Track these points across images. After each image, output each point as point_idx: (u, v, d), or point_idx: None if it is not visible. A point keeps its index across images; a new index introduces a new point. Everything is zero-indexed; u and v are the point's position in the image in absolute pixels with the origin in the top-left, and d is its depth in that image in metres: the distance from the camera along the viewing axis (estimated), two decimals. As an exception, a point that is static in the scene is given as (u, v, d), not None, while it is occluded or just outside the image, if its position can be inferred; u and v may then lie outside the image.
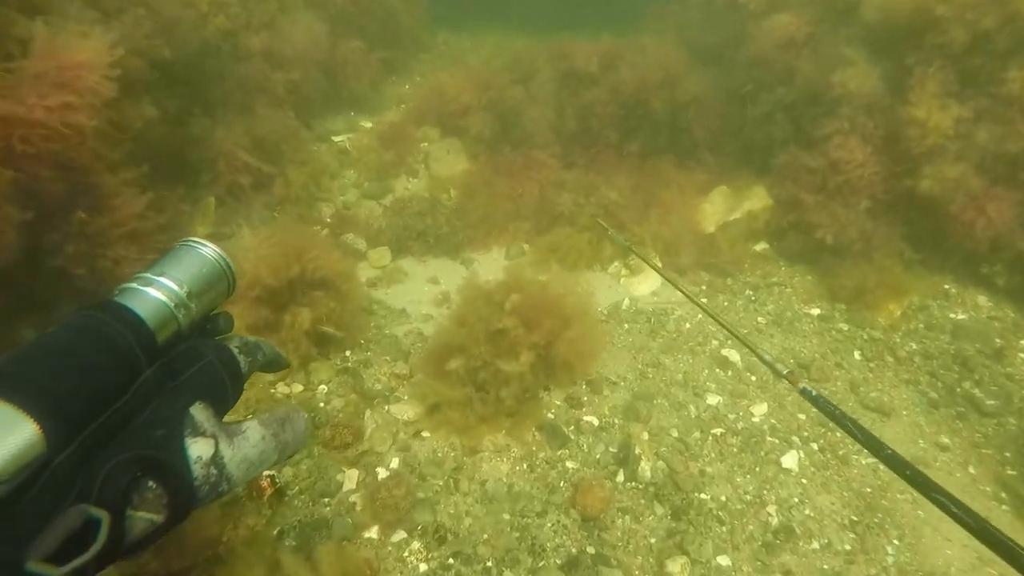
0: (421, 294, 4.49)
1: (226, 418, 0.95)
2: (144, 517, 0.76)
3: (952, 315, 4.26)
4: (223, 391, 0.96)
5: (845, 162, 4.88)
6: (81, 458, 0.73)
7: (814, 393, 1.59)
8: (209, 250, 1.03)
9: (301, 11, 5.99)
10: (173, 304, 0.95)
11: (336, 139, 5.81)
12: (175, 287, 0.96)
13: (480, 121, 5.93)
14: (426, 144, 6.01)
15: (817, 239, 4.78)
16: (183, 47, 4.74)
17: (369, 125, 6.20)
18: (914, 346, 4.04)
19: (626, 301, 4.50)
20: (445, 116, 6.15)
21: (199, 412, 0.88)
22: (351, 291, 3.93)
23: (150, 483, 0.77)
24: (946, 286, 4.49)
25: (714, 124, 5.76)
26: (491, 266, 4.84)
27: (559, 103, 5.98)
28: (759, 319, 4.32)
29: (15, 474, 0.66)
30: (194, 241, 1.04)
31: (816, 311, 4.41)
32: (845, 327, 4.23)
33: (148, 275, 0.96)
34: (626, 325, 4.26)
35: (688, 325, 4.28)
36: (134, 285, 0.94)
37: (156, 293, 0.94)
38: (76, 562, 0.66)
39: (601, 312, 4.35)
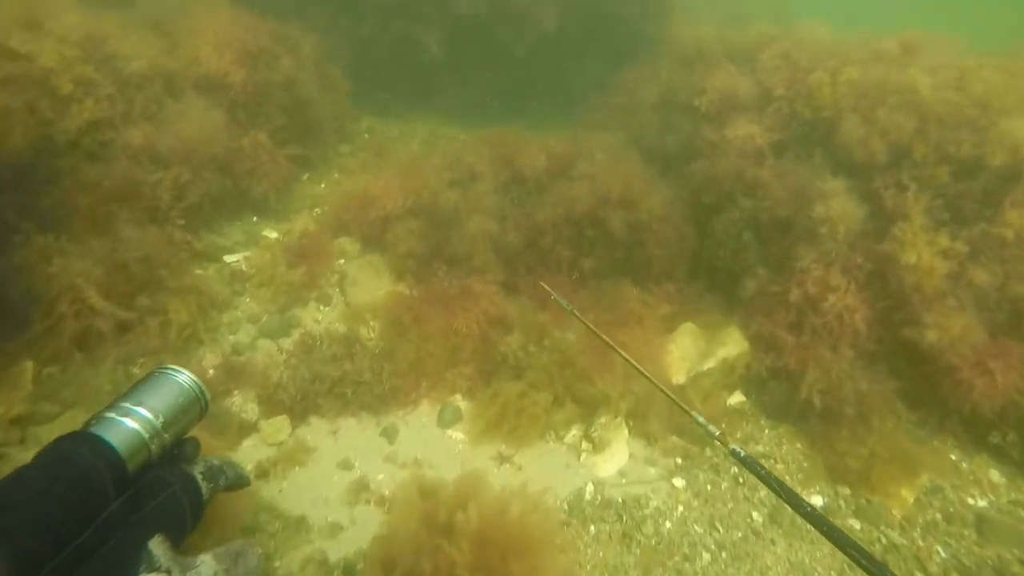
0: (329, 486, 3.42)
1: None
2: None
3: (970, 500, 3.64)
4: (183, 520, 1.04)
5: (829, 304, 4.28)
6: None
7: (743, 454, 1.81)
8: (185, 377, 1.16)
9: (192, 98, 4.96)
10: (148, 435, 1.04)
11: (230, 259, 4.71)
12: (151, 417, 1.06)
13: (409, 233, 5.04)
14: (343, 261, 5.03)
15: (803, 398, 4.12)
16: (11, 143, 3.65)
17: (274, 235, 5.15)
18: (943, 553, 3.33)
19: (589, 487, 3.60)
20: (367, 225, 5.23)
21: (157, 546, 0.93)
22: (234, 514, 2.83)
23: None
24: (953, 456, 3.89)
25: (675, 243, 5.10)
26: (420, 434, 3.86)
27: (501, 212, 5.16)
28: (754, 514, 3.51)
29: None
30: (171, 369, 1.14)
31: (817, 499, 3.66)
32: (857, 525, 3.48)
33: (126, 405, 1.06)
34: (592, 528, 3.35)
35: (669, 524, 3.42)
36: (112, 415, 1.03)
37: (133, 424, 1.03)
38: None
39: (561, 507, 3.43)
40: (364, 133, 6.92)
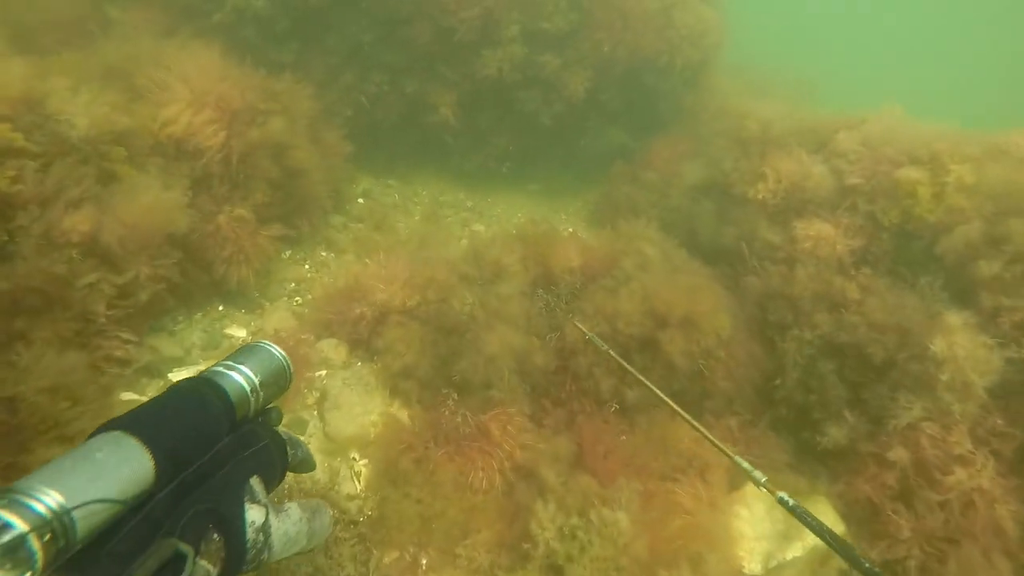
0: None
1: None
2: (204, 566, 0.90)
3: None
4: (274, 472, 1.16)
5: (955, 480, 3.29)
6: (173, 500, 0.92)
7: (791, 503, 1.77)
8: (276, 350, 1.26)
9: (155, 168, 3.99)
10: (249, 389, 1.17)
11: (178, 375, 3.68)
12: (252, 375, 1.18)
13: (409, 344, 4.01)
14: (324, 373, 4.01)
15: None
16: None
17: (241, 334, 4.14)
18: None
19: None
20: (354, 324, 4.20)
21: (256, 484, 1.07)
22: None
23: (215, 535, 0.95)
24: None
25: (742, 370, 4.13)
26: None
27: (528, 321, 4.16)
28: None
29: (133, 497, 0.84)
30: (263, 342, 1.27)
31: None
32: None
33: (230, 362, 1.20)
34: None
35: None
36: (221, 369, 1.17)
37: (238, 378, 1.16)
38: None
39: None
40: (359, 198, 5.96)
